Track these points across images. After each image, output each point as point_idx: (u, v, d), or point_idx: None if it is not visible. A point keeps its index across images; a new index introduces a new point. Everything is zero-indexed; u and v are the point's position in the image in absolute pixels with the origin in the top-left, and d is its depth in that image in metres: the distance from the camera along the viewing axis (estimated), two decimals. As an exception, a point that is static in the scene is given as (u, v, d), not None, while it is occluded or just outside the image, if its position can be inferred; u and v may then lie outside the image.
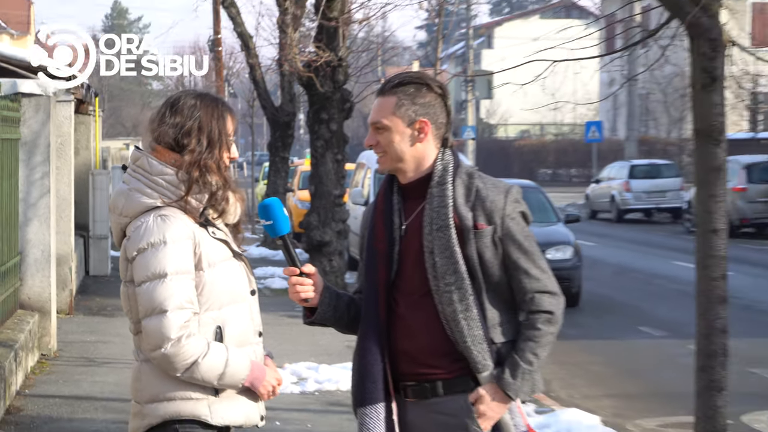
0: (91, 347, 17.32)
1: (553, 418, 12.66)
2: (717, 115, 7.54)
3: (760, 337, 19.73)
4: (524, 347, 5.52)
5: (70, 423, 12.73)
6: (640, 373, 18.07)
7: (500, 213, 5.55)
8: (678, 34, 7.55)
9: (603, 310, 24.32)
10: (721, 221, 7.55)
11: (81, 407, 13.47)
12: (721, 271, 7.48)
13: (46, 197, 16.99)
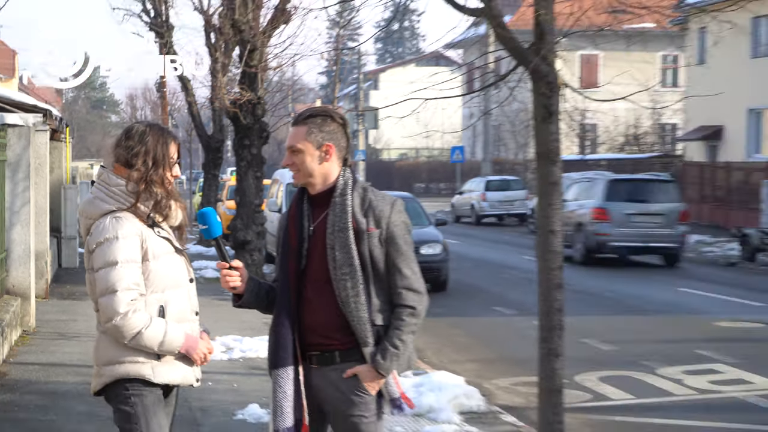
0: (62, 325, 17.35)
1: (427, 378, 12.67)
2: (553, 141, 7.63)
3: (588, 314, 19.82)
4: (392, 334, 5.76)
5: (46, 385, 12.84)
6: (496, 343, 18.11)
7: (386, 220, 5.80)
8: (523, 77, 7.59)
9: (466, 294, 24.35)
10: (557, 224, 7.63)
11: (55, 372, 13.59)
12: (557, 263, 7.56)
13: (27, 206, 17.31)
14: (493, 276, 28.51)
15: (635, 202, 32.50)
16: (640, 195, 33.86)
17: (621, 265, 31.91)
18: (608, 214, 31.68)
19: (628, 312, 21.86)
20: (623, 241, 31.35)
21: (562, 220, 7.97)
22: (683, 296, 24.43)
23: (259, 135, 23.72)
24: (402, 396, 5.98)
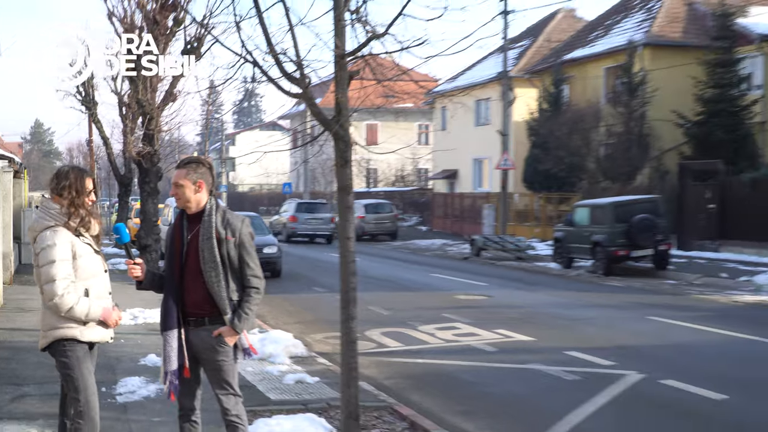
0: (22, 302, 16.92)
1: (268, 335, 12.64)
2: (348, 179, 7.70)
3: (370, 291, 19.90)
4: (243, 306, 6.06)
5: (11, 343, 12.63)
6: (313, 310, 18.11)
7: (239, 231, 6.11)
8: (328, 138, 7.63)
9: (293, 279, 24.30)
10: (352, 233, 7.69)
11: (16, 334, 13.34)
12: (352, 258, 7.63)
13: (-2, 223, 17.40)
14: (312, 267, 28.51)
15: (308, 213, 42.54)
16: (312, 209, 42.79)
17: (394, 258, 32.31)
18: (296, 218, 42.18)
19: (400, 290, 22.03)
20: (303, 231, 42.17)
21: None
22: (435, 279, 24.74)
23: (155, 175, 23.92)
24: (250, 347, 6.28)
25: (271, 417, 8.48)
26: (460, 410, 9.64)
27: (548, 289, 22.11)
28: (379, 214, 45.08)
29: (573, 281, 24.46)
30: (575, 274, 26.00)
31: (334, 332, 9.96)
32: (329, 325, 14.45)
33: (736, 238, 28.05)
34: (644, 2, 42.75)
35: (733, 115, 33.42)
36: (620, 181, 34.08)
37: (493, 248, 32.28)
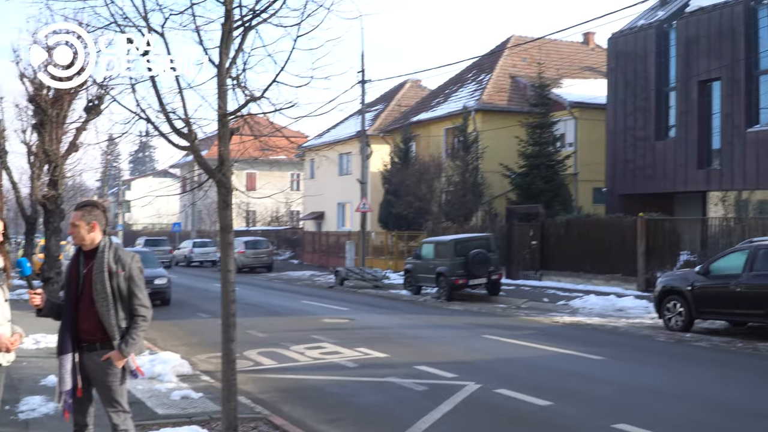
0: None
1: (157, 356, 12.21)
2: (229, 220, 7.55)
3: (249, 316, 19.56)
4: (131, 332, 5.84)
5: None
6: (198, 334, 17.63)
7: (128, 266, 5.90)
8: (212, 184, 7.50)
9: (181, 306, 23.64)
10: (232, 266, 7.54)
11: None
12: (232, 288, 7.48)
13: None
14: (198, 296, 27.83)
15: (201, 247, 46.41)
16: (204, 245, 46.66)
17: (270, 287, 31.89)
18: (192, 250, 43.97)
19: (274, 315, 21.71)
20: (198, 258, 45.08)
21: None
22: (305, 305, 24.48)
23: (59, 215, 23.27)
24: (137, 369, 6.06)
25: (158, 430, 8.22)
26: (327, 419, 9.49)
27: (401, 313, 22.16)
28: (257, 250, 44.53)
29: (421, 306, 24.59)
30: (423, 300, 26.16)
31: (216, 353, 9.67)
32: (212, 347, 14.05)
33: (555, 269, 28.78)
34: (476, 75, 43.92)
35: (550, 168, 34.50)
36: (459, 221, 34.63)
37: (354, 278, 32.21)
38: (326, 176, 49.14)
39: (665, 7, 34.98)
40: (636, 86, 33.88)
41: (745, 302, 15.54)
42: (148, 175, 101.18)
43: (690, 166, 31.40)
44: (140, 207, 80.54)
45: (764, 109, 28.99)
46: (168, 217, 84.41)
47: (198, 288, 32.03)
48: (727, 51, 29.75)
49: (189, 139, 7.47)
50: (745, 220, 23.49)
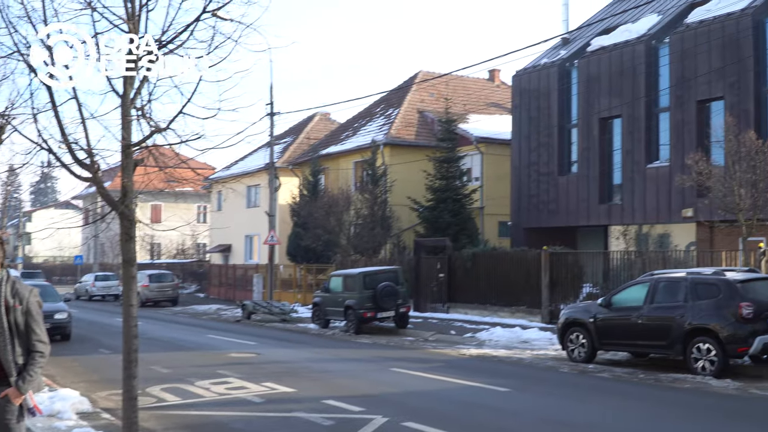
0: None
1: (56, 393, 11.81)
2: (133, 253, 7.43)
3: (152, 352, 19.12)
4: (28, 369, 5.65)
5: None
6: (99, 370, 17.12)
7: (26, 300, 5.69)
8: (115, 216, 7.36)
9: (82, 341, 22.93)
10: (134, 300, 7.40)
11: None
12: (134, 322, 7.34)
13: None
14: (99, 331, 27.05)
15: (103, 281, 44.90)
16: (106, 278, 44.46)
17: (175, 322, 31.28)
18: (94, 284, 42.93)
19: (179, 350, 21.27)
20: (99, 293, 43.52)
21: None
22: (210, 340, 24.09)
23: None
24: (35, 406, 5.86)
25: (56, 470, 7.93)
26: (231, 456, 9.32)
27: (308, 347, 22.02)
28: (161, 283, 43.68)
29: (329, 339, 24.49)
30: (331, 333, 26.06)
31: (118, 389, 9.41)
32: (113, 383, 13.66)
33: (462, 301, 29.08)
34: (384, 110, 44.36)
35: (457, 201, 35.00)
36: (367, 254, 34.72)
37: (262, 312, 31.88)
38: (234, 208, 48.69)
39: (567, 47, 36.09)
40: (539, 122, 34.76)
41: (647, 334, 15.99)
42: (49, 207, 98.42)
43: (592, 201, 32.29)
44: (41, 239, 78.10)
45: (663, 145, 30.09)
46: (70, 249, 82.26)
47: (100, 323, 31.15)
48: (627, 89, 30.83)
49: (91, 171, 7.35)
50: (646, 253, 24.24)
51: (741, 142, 20.45)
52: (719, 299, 14.89)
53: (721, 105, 27.41)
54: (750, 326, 14.43)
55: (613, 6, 38.60)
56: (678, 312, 15.36)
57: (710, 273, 15.78)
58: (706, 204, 23.55)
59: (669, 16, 31.70)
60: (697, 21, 28.91)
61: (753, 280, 15.34)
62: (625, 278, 22.29)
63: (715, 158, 24.00)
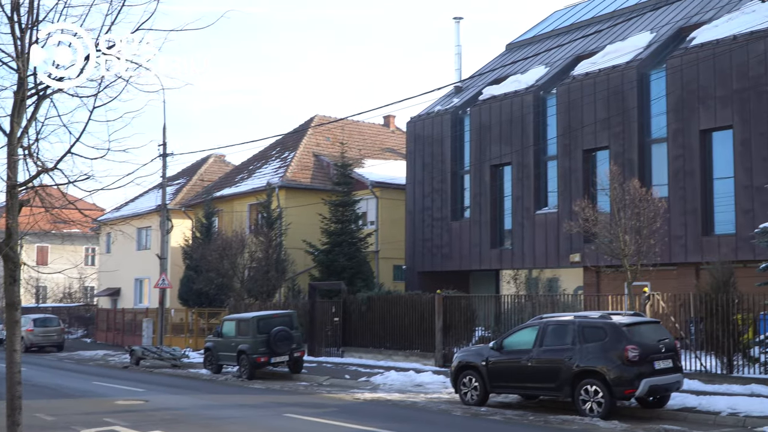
0: None
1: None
2: (16, 296, 7.15)
3: (36, 399, 18.35)
4: None
5: None
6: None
7: None
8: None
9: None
10: (18, 346, 7.12)
11: None
12: (18, 368, 7.05)
13: None
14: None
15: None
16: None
17: (60, 368, 30.11)
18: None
19: (64, 397, 20.49)
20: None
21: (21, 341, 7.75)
22: (97, 387, 23.29)
23: None
24: None
25: None
26: None
27: (200, 393, 21.53)
28: (47, 328, 41.99)
29: (221, 385, 24.02)
30: (223, 379, 25.57)
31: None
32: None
33: (357, 345, 29.02)
34: (280, 152, 44.31)
35: (352, 245, 35.10)
36: (261, 298, 34.35)
37: (151, 357, 31.05)
38: (123, 251, 47.56)
39: (460, 95, 36.94)
40: (433, 168, 35.34)
41: (536, 376, 16.27)
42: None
43: (484, 246, 32.89)
44: None
45: (552, 192, 30.99)
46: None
47: None
48: (517, 137, 31.70)
49: (-27, 211, 7.07)
50: (535, 297, 24.75)
51: (625, 190, 21.24)
52: (606, 342, 15.28)
53: (607, 154, 28.47)
54: (636, 369, 14.84)
55: (504, 57, 39.79)
56: (566, 354, 15.69)
57: (597, 316, 16.17)
58: (592, 249, 24.27)
59: (556, 68, 32.87)
60: (583, 73, 30.05)
61: (638, 324, 15.81)
62: (516, 321, 22.68)
63: (601, 205, 24.83)
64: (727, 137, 25.70)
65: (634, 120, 27.88)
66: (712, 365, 18.87)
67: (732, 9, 28.56)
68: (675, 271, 26.59)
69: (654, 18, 32.24)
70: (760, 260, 20.92)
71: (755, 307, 18.76)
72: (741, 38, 25.15)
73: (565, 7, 41.79)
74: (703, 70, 25.98)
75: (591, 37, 33.57)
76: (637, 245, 20.76)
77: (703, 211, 26.02)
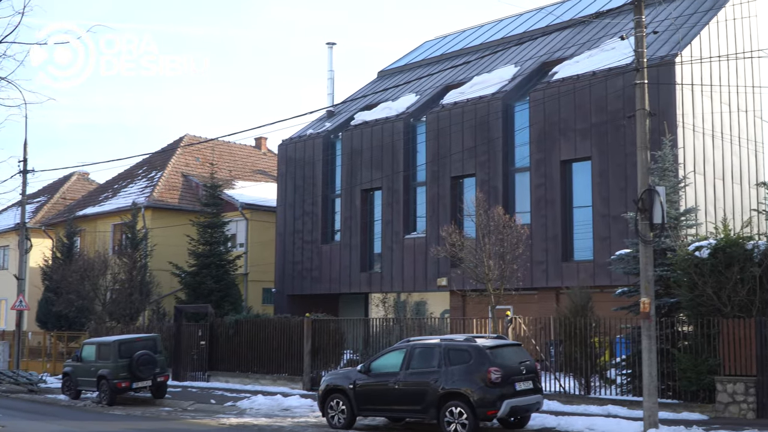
0: None
1: None
2: None
3: None
4: None
5: None
6: None
7: None
8: None
9: None
10: None
11: None
12: None
13: None
14: None
15: None
16: None
17: None
18: None
19: None
20: None
21: None
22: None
23: None
24: None
25: None
26: None
27: (57, 419, 20.65)
28: None
29: (80, 411, 23.12)
30: (82, 405, 24.62)
31: None
32: None
33: (224, 370, 28.51)
34: (147, 172, 43.34)
35: (220, 267, 34.60)
36: (124, 321, 33.37)
37: (7, 382, 29.57)
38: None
39: (332, 119, 37.17)
40: (305, 191, 35.36)
41: (403, 399, 16.42)
42: None
43: (354, 269, 33.07)
44: None
45: (420, 217, 31.53)
46: None
47: None
48: (387, 163, 32.14)
49: None
50: (403, 320, 25.02)
51: (490, 217, 21.86)
52: (470, 364, 15.59)
53: (473, 181, 29.24)
54: (498, 390, 15.20)
55: (376, 84, 40.35)
56: (432, 377, 15.92)
57: (462, 339, 16.49)
58: (458, 274, 24.82)
59: (426, 97, 33.57)
60: (452, 102, 30.81)
61: (501, 347, 16.22)
62: (384, 344, 22.87)
63: (467, 231, 25.45)
64: (586, 168, 26.84)
65: (499, 149, 28.75)
66: (571, 386, 19.52)
67: (592, 46, 29.94)
68: (536, 295, 27.48)
69: (519, 52, 33.44)
70: (617, 285, 21.89)
71: (611, 330, 19.54)
72: (600, 74, 26.38)
73: (435, 38, 42.81)
74: (564, 104, 27.09)
75: (460, 68, 34.48)
76: (501, 270, 21.35)
77: (563, 238, 27.03)
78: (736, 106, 27.54)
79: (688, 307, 17.19)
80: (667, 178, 19.26)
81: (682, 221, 19.49)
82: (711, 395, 16.60)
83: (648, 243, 15.26)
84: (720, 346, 16.43)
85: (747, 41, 28.59)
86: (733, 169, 27.40)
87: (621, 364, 19.03)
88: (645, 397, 15.08)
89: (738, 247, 16.40)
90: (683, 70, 24.96)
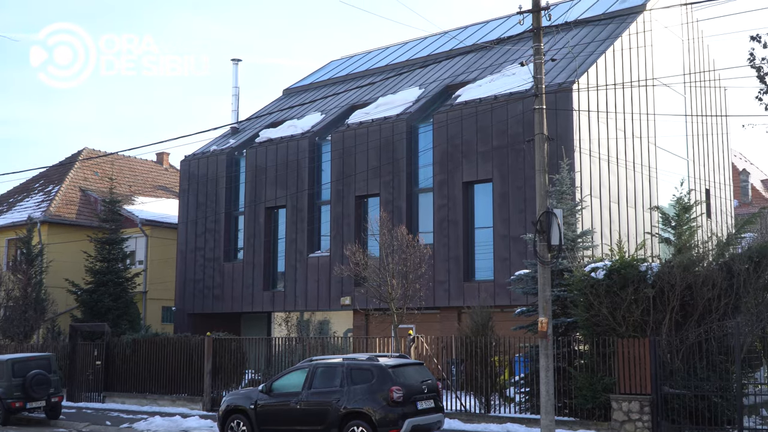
0: None
1: None
2: None
3: None
4: None
5: None
6: None
7: None
8: None
9: None
10: None
11: None
12: None
13: None
14: None
15: None
16: None
17: None
18: None
19: None
20: None
21: None
22: None
23: None
24: None
25: None
26: None
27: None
28: None
29: (-32, 434, 22.19)
30: (-30, 427, 23.64)
31: None
32: None
33: (121, 390, 27.78)
34: (44, 186, 42.07)
35: (118, 285, 33.83)
36: (18, 339, 32.21)
37: None
38: None
39: (237, 136, 36.88)
40: (207, 208, 34.91)
41: (305, 419, 16.32)
42: None
43: (257, 288, 32.79)
44: None
45: (324, 236, 31.51)
46: None
47: None
48: (292, 181, 32.05)
49: None
50: (306, 339, 24.92)
51: (394, 237, 22.04)
52: (372, 384, 15.63)
53: (377, 201, 29.42)
54: (400, 409, 15.27)
55: (281, 101, 40.26)
56: (335, 396, 15.89)
57: (365, 359, 16.52)
58: (362, 293, 24.88)
59: (332, 116, 33.68)
60: (357, 122, 30.99)
61: (403, 366, 16.32)
62: (287, 364, 22.72)
63: (371, 250, 25.57)
64: (487, 190, 27.35)
65: (403, 170, 29.03)
66: (472, 405, 19.78)
67: (494, 71, 30.60)
68: (438, 314, 27.78)
69: (423, 74, 33.92)
70: (516, 305, 22.34)
71: (511, 349, 19.90)
72: (502, 98, 26.98)
73: (341, 58, 43.02)
74: (467, 126, 27.58)
75: (365, 88, 34.73)
76: (404, 289, 21.53)
77: (465, 258, 27.44)
78: (631, 132, 28.53)
79: (585, 326, 17.65)
80: (564, 201, 19.82)
81: (578, 243, 20.07)
82: (606, 413, 17.04)
83: (546, 264, 15.64)
84: (615, 364, 16.90)
85: (642, 70, 29.69)
86: (628, 193, 28.34)
87: (520, 383, 19.39)
88: (542, 415, 15.41)
89: (632, 268, 16.93)
90: (580, 96, 25.74)
